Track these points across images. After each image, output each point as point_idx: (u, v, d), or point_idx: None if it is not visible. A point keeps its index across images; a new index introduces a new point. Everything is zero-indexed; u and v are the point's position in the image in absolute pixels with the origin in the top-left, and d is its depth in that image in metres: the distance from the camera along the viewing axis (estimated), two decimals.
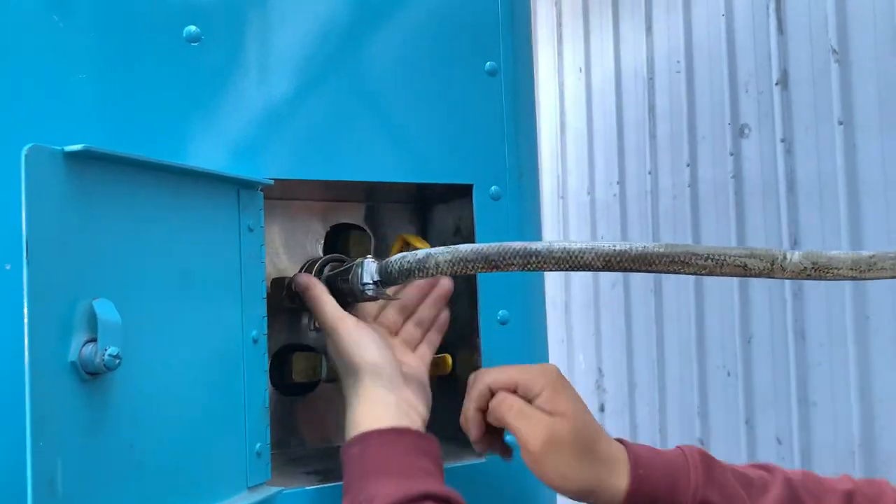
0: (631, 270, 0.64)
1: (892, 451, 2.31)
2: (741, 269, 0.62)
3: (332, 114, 0.78)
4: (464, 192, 0.86)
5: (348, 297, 0.79)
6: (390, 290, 0.79)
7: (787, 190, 2.64)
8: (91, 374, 0.53)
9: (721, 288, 2.87)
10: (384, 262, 0.75)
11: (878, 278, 0.64)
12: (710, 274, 0.63)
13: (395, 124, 0.81)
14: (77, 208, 0.53)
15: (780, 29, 2.68)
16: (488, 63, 0.84)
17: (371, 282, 0.76)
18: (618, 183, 3.43)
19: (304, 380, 0.88)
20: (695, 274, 0.64)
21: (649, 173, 3.24)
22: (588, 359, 3.56)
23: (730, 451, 2.69)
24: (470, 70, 0.84)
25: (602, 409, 3.41)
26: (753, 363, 2.73)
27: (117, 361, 0.53)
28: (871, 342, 2.33)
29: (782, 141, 2.66)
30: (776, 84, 2.68)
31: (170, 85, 0.70)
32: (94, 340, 0.53)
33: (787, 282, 2.63)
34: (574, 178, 3.70)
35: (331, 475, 0.79)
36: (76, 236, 0.53)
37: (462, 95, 0.83)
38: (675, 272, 0.63)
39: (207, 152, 0.72)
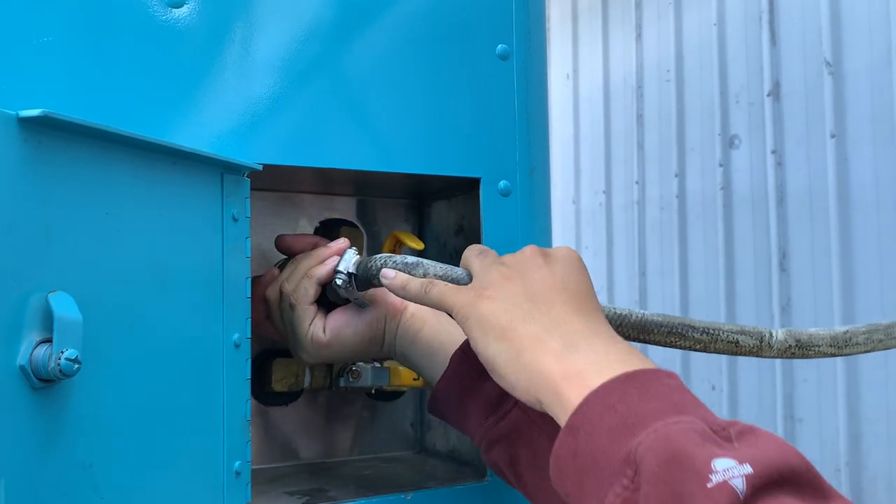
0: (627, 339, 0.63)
1: (878, 470, 2.27)
2: (733, 345, 0.62)
3: (326, 96, 0.70)
4: (469, 186, 0.79)
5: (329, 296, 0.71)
6: (366, 295, 0.71)
7: (776, 203, 2.60)
8: (43, 381, 0.45)
9: (708, 301, 2.83)
10: (367, 257, 0.68)
11: (855, 353, 0.66)
12: (704, 350, 0.63)
13: (395, 110, 0.73)
14: (32, 184, 0.45)
15: (773, 39, 2.64)
16: (500, 46, 0.77)
17: (345, 272, 0.68)
18: (604, 192, 3.38)
19: (284, 389, 0.81)
20: (689, 349, 0.63)
21: (636, 183, 3.19)
22: None
23: None
24: (479, 53, 0.76)
25: None
26: (739, 378, 2.69)
27: (76, 367, 0.45)
28: (859, 359, 2.29)
29: (773, 153, 2.63)
30: (768, 95, 2.65)
31: (149, 53, 0.62)
32: (48, 341, 0.45)
33: (774, 295, 2.60)
34: (559, 185, 3.65)
35: (317, 495, 0.71)
36: (30, 217, 0.45)
37: (470, 81, 0.76)
38: (670, 344, 0.63)
39: (190, 130, 0.64)
